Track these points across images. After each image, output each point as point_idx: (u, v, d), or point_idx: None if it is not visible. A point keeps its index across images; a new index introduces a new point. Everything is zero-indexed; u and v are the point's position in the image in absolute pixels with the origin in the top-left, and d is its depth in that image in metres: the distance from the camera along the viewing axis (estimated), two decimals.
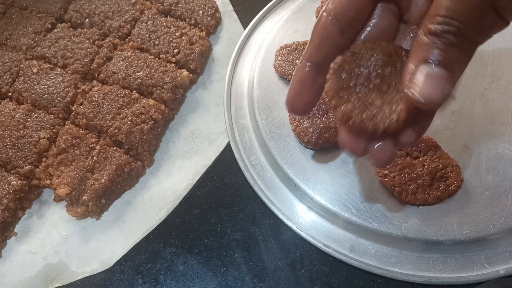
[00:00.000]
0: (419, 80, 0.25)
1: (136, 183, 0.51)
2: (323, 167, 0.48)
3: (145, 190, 0.51)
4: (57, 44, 0.58)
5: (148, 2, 0.62)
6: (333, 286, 0.43)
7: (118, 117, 0.51)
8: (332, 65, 0.30)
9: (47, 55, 0.57)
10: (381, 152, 0.31)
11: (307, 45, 0.31)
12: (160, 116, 0.52)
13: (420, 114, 0.30)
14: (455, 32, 0.24)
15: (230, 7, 0.64)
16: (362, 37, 0.31)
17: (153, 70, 0.55)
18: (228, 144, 0.52)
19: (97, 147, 0.50)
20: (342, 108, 0.29)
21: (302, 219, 0.46)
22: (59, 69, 0.56)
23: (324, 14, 0.29)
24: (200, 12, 0.61)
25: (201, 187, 0.50)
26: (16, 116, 0.52)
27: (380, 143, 0.31)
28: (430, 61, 0.24)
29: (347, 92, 0.30)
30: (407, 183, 0.44)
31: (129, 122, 0.51)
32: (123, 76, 0.54)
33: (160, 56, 0.57)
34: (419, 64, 0.25)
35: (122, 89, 0.53)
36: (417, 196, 0.43)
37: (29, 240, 0.48)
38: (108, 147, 0.50)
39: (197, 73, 0.58)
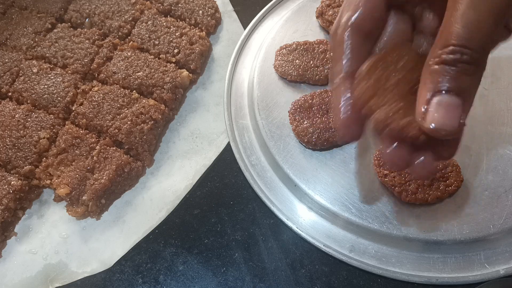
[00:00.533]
0: (434, 109, 0.24)
1: (136, 183, 0.51)
2: (323, 167, 0.48)
3: (145, 190, 0.51)
4: (57, 44, 0.58)
5: (148, 2, 0.62)
6: (333, 286, 0.43)
7: (118, 117, 0.51)
8: (359, 71, 0.29)
9: (47, 55, 0.57)
10: (424, 165, 0.30)
11: (332, 65, 0.30)
12: (160, 116, 0.52)
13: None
14: (469, 61, 0.24)
15: (230, 7, 0.64)
16: (381, 46, 0.31)
17: (153, 70, 0.55)
18: (228, 144, 0.52)
19: (97, 147, 0.50)
20: (376, 116, 0.28)
21: (302, 219, 0.46)
22: (59, 69, 0.56)
23: (341, 30, 0.29)
24: (200, 12, 0.61)
25: (201, 187, 0.50)
26: (16, 116, 0.52)
27: (422, 157, 0.30)
28: (443, 90, 0.24)
29: (378, 98, 0.28)
30: (407, 183, 0.44)
31: (129, 122, 0.51)
32: (123, 76, 0.54)
33: (160, 56, 0.57)
34: (433, 93, 0.24)
35: (122, 89, 0.53)
36: (417, 196, 0.43)
37: (29, 240, 0.48)
38: (108, 147, 0.50)
39: (197, 73, 0.58)
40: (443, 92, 0.24)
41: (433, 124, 0.25)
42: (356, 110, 0.29)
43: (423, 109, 0.25)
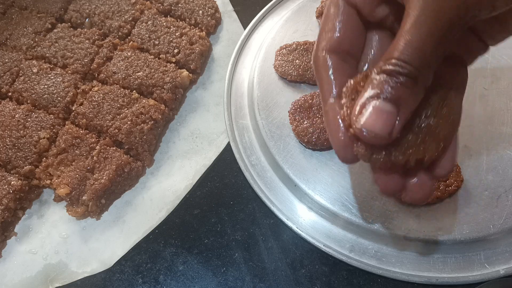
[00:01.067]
0: (366, 112, 0.25)
1: (136, 183, 0.51)
2: (323, 167, 0.48)
3: (145, 190, 0.51)
4: (57, 44, 0.58)
5: (148, 2, 0.62)
6: (333, 286, 0.43)
7: (118, 117, 0.52)
8: (344, 89, 0.28)
9: (47, 55, 0.57)
10: (420, 187, 0.30)
11: (320, 87, 0.30)
12: (160, 116, 0.52)
13: (452, 136, 0.29)
14: (408, 75, 0.24)
15: (230, 7, 0.64)
16: (367, 64, 0.31)
17: (153, 70, 0.55)
18: (228, 144, 0.52)
19: (97, 147, 0.50)
20: (362, 146, 0.27)
21: (302, 219, 0.46)
22: (59, 69, 0.56)
23: (321, 53, 0.30)
24: (200, 12, 0.61)
25: (201, 187, 0.50)
26: (16, 116, 0.52)
27: (415, 179, 0.30)
28: (379, 96, 0.25)
29: None
30: None
31: (129, 122, 0.51)
32: (123, 76, 0.54)
33: (160, 56, 0.57)
34: (369, 98, 0.25)
35: (122, 89, 0.53)
36: None
37: (29, 240, 0.48)
38: (108, 147, 0.50)
39: (197, 73, 0.58)
40: (378, 98, 0.25)
41: (361, 125, 0.25)
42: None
43: (357, 111, 0.26)
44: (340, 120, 0.29)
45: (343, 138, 0.29)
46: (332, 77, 0.30)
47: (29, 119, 0.52)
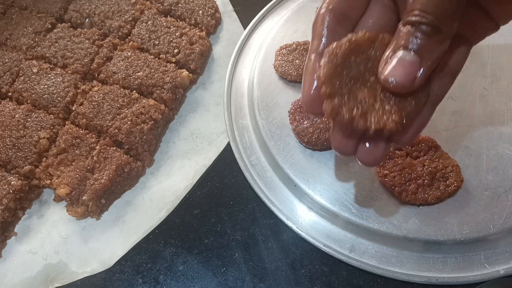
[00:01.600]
0: (390, 63, 0.27)
1: (136, 183, 0.51)
2: (323, 167, 0.48)
3: (145, 190, 0.51)
4: (57, 44, 0.58)
5: (148, 2, 0.62)
6: (333, 286, 0.43)
7: (118, 117, 0.52)
8: (326, 50, 0.29)
9: (47, 55, 0.57)
10: (371, 152, 0.31)
11: (311, 42, 0.31)
12: (160, 116, 0.52)
13: (417, 114, 0.30)
14: (428, 23, 0.26)
15: (230, 7, 0.64)
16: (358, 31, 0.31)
17: (153, 70, 0.55)
18: (228, 144, 0.52)
19: (97, 147, 0.50)
20: (330, 101, 0.28)
21: (302, 219, 0.46)
22: (59, 69, 0.56)
23: (322, 10, 0.31)
24: (200, 12, 0.61)
25: (201, 187, 0.50)
26: (16, 116, 0.52)
27: (370, 144, 0.31)
28: (403, 47, 0.26)
29: (339, 82, 0.28)
30: (407, 183, 0.44)
31: (129, 122, 0.51)
32: (123, 76, 0.54)
33: (160, 56, 0.57)
34: (394, 50, 0.27)
35: (122, 89, 0.53)
36: (417, 196, 0.43)
37: (29, 240, 0.48)
38: (108, 147, 0.50)
39: (197, 73, 0.58)
40: (402, 48, 0.26)
41: (387, 75, 0.27)
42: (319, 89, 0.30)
43: (384, 62, 0.27)
44: (315, 76, 0.30)
45: (312, 93, 0.30)
46: (323, 35, 0.31)
47: (29, 119, 0.52)
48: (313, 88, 0.30)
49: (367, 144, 0.31)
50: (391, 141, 0.31)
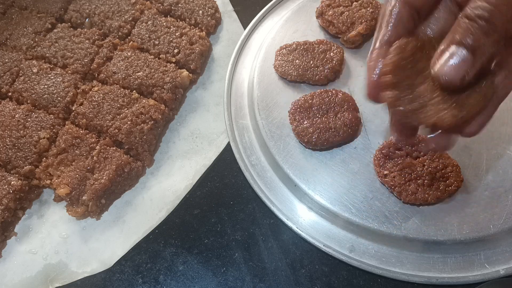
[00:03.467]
0: (442, 58, 0.27)
1: (136, 183, 0.51)
2: (323, 167, 0.48)
3: (145, 190, 0.51)
4: (57, 44, 0.58)
5: (148, 2, 0.62)
6: (333, 286, 0.43)
7: (118, 117, 0.51)
8: (397, 42, 0.30)
9: (47, 55, 0.57)
10: (439, 139, 0.32)
11: (378, 30, 0.32)
12: (160, 116, 0.52)
13: (482, 109, 0.30)
14: (487, 18, 0.26)
15: (230, 7, 0.64)
16: (426, 27, 0.32)
17: (153, 70, 0.55)
18: (228, 144, 0.52)
19: (97, 147, 0.50)
20: (392, 91, 0.30)
21: (302, 219, 0.46)
22: (59, 69, 0.56)
23: (395, 1, 0.31)
24: (200, 12, 0.61)
25: (201, 187, 0.50)
26: (16, 116, 0.52)
27: (435, 135, 0.32)
28: (457, 42, 0.27)
29: (403, 74, 0.30)
30: (407, 183, 0.44)
31: (129, 122, 0.51)
32: (123, 76, 0.54)
33: (160, 56, 0.57)
34: (448, 44, 0.27)
35: (122, 89, 0.53)
36: (417, 196, 0.43)
37: (29, 240, 0.48)
38: (108, 147, 0.50)
39: (197, 73, 0.58)
40: (456, 44, 0.27)
41: (437, 71, 0.27)
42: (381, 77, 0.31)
43: (437, 57, 0.27)
44: (379, 63, 0.31)
45: (375, 79, 0.31)
46: (391, 25, 0.31)
47: (29, 119, 0.52)
48: (376, 75, 0.31)
49: (435, 134, 0.32)
50: (455, 132, 0.32)
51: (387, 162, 0.45)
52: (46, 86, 0.54)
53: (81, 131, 0.51)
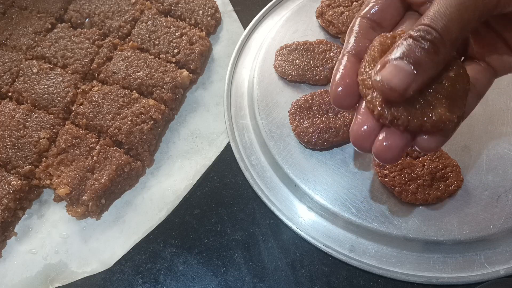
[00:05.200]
0: (387, 68, 0.27)
1: (136, 183, 0.51)
2: (323, 167, 0.48)
3: (145, 190, 0.51)
4: (57, 44, 0.58)
5: (148, 2, 0.62)
6: (333, 286, 0.43)
7: (118, 117, 0.52)
8: (370, 46, 0.30)
9: (47, 55, 0.57)
10: (389, 147, 0.31)
11: (345, 44, 0.32)
12: (160, 116, 0.52)
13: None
14: (430, 40, 0.26)
15: (230, 7, 0.64)
16: None
17: (153, 70, 0.55)
18: (228, 144, 0.52)
19: (97, 147, 0.50)
20: (368, 98, 0.29)
21: (302, 219, 0.46)
22: (59, 69, 0.56)
23: (357, 16, 0.32)
24: (200, 12, 0.61)
25: (201, 187, 0.50)
26: (16, 116, 0.52)
27: (386, 136, 0.30)
28: (401, 57, 0.27)
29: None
30: (407, 183, 0.44)
31: (129, 122, 0.51)
32: (123, 76, 0.54)
33: (160, 56, 0.57)
34: (391, 58, 0.27)
35: (122, 89, 0.53)
36: (417, 196, 0.43)
37: (29, 240, 0.48)
38: (108, 147, 0.50)
39: (197, 73, 0.58)
40: (401, 59, 0.27)
41: (381, 77, 0.27)
42: (352, 80, 0.31)
43: (379, 67, 0.28)
44: (341, 70, 0.31)
45: (341, 89, 0.31)
46: (354, 37, 0.32)
47: (29, 119, 0.52)
48: (342, 80, 0.31)
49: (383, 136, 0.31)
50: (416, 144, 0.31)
51: None
52: (46, 86, 0.54)
53: (81, 131, 0.51)
